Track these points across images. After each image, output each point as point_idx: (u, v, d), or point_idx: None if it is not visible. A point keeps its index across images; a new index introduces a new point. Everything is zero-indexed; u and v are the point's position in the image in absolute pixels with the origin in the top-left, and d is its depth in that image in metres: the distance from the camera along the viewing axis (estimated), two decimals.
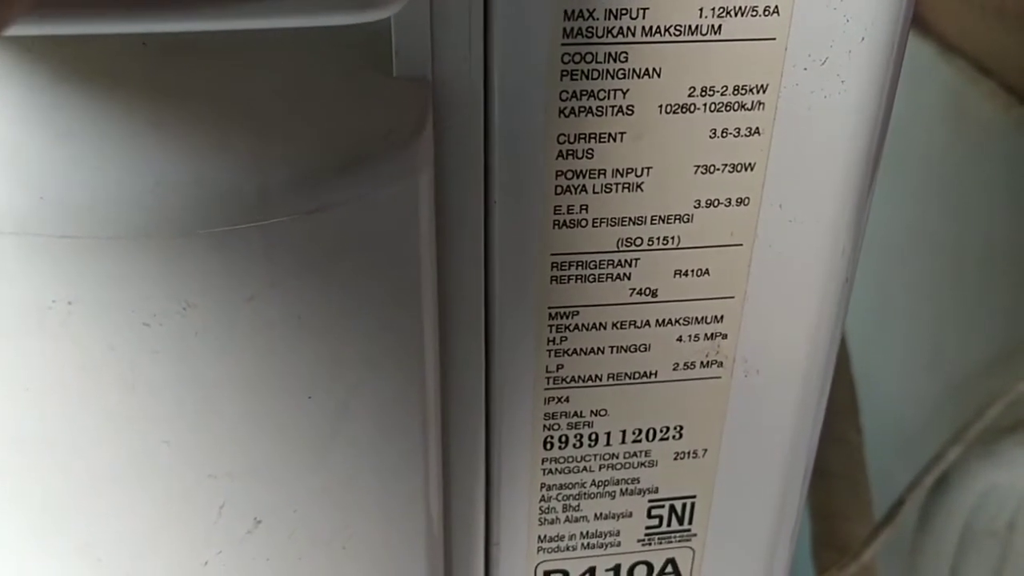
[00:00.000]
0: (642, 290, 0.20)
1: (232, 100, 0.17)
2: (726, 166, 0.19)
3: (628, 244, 0.20)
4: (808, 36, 0.18)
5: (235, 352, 0.17)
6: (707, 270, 0.20)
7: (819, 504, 0.48)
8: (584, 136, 0.19)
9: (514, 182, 0.19)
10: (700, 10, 0.18)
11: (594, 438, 0.22)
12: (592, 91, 0.18)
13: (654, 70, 0.18)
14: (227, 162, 0.16)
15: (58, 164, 0.16)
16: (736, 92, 0.19)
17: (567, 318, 0.20)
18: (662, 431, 0.22)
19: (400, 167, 0.17)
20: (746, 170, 0.19)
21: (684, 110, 0.19)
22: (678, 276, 0.20)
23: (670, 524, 0.23)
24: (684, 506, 0.23)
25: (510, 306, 0.20)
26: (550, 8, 0.17)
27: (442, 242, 0.19)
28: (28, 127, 0.16)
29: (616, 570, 0.24)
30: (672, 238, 0.20)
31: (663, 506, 0.23)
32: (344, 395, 0.18)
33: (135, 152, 0.16)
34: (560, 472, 0.22)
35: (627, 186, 0.19)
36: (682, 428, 0.22)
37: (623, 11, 0.18)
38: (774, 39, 0.18)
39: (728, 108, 0.19)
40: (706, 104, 0.19)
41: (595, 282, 0.20)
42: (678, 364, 0.21)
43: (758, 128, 0.19)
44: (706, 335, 0.21)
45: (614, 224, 0.20)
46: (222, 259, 0.16)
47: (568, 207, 0.19)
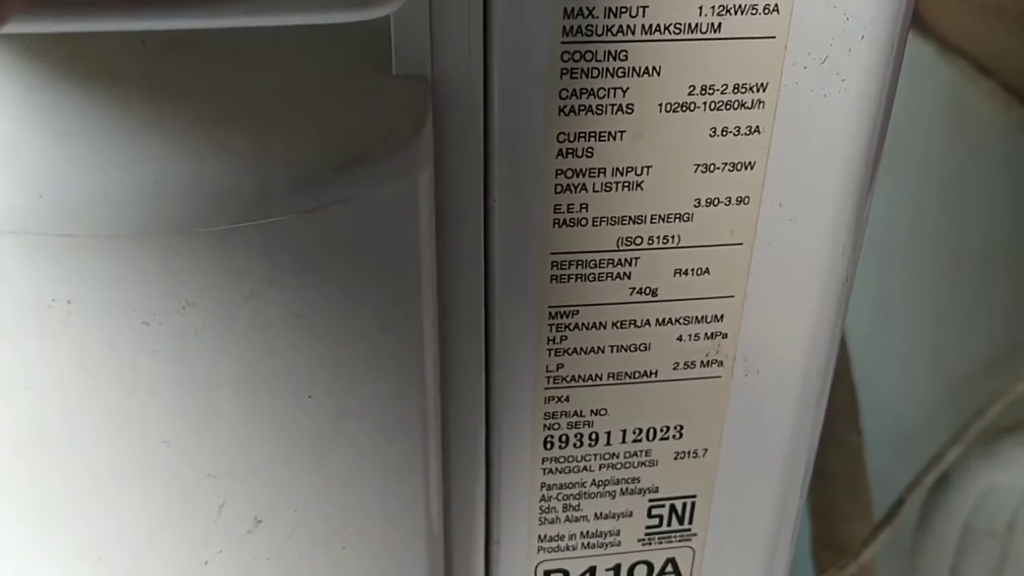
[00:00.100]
0: (642, 289, 0.20)
1: (231, 98, 0.17)
2: (726, 165, 0.19)
3: (628, 243, 0.20)
4: (808, 34, 0.18)
5: (234, 351, 0.17)
6: (707, 269, 0.20)
7: (819, 505, 0.48)
8: (584, 135, 0.19)
9: (514, 181, 0.19)
10: (700, 8, 0.18)
11: (594, 437, 0.22)
12: (592, 89, 0.18)
13: (654, 68, 0.18)
14: (226, 161, 0.16)
15: (57, 163, 0.16)
16: (736, 91, 0.19)
17: (567, 317, 0.20)
18: (662, 430, 0.22)
19: (400, 166, 0.17)
20: (746, 169, 0.19)
21: (684, 109, 0.19)
22: (678, 275, 0.20)
23: (670, 524, 0.23)
24: (684, 506, 0.23)
25: (510, 305, 0.20)
26: (550, 6, 0.17)
27: (442, 241, 0.19)
28: (27, 126, 0.16)
29: (616, 570, 0.24)
30: (672, 237, 0.20)
31: (663, 506, 0.23)
32: (344, 394, 0.18)
33: (134, 151, 0.16)
34: (560, 471, 0.22)
35: (627, 185, 0.19)
36: (682, 428, 0.22)
37: (623, 9, 0.17)
38: (774, 37, 0.18)
39: (728, 107, 0.19)
40: (706, 103, 0.19)
41: (595, 281, 0.20)
42: (678, 363, 0.21)
43: (758, 127, 0.19)
44: (706, 334, 0.21)
45: (614, 223, 0.20)
46: (221, 258, 0.16)
47: (568, 206, 0.19)
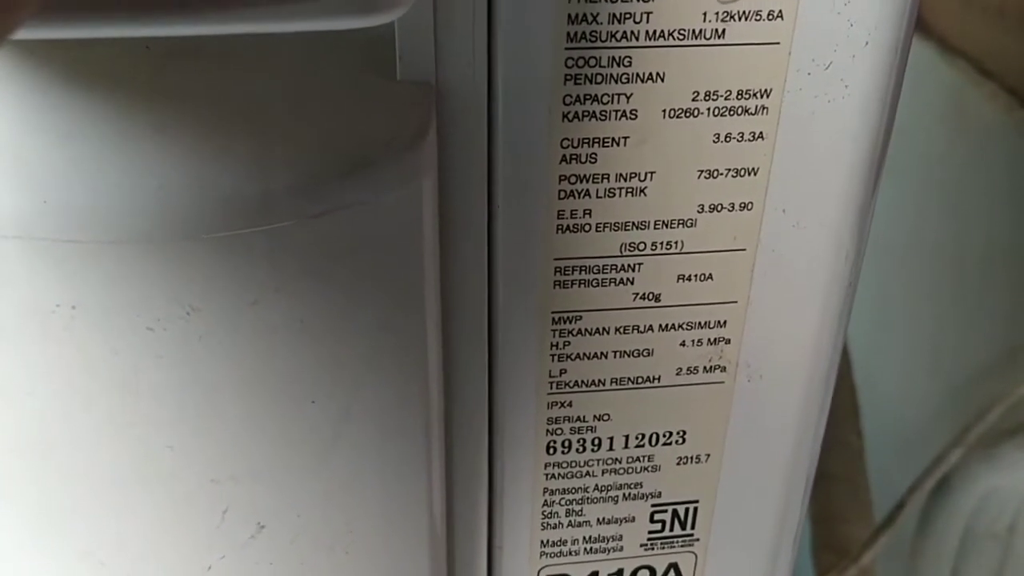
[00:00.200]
0: (645, 295, 0.20)
1: (236, 104, 0.17)
2: (729, 170, 0.19)
3: (631, 249, 0.20)
4: (812, 40, 0.18)
5: (238, 356, 0.17)
6: (710, 275, 0.20)
7: (819, 507, 0.48)
8: (588, 140, 0.19)
9: (517, 186, 0.19)
10: (704, 14, 0.18)
11: (597, 443, 0.22)
12: (596, 95, 0.18)
13: (658, 74, 0.18)
14: (230, 166, 0.16)
15: (61, 168, 0.16)
16: (740, 96, 0.19)
17: (570, 323, 0.20)
18: (665, 436, 0.22)
19: (404, 171, 0.17)
20: (750, 174, 0.19)
21: (688, 114, 0.19)
22: (681, 281, 0.20)
23: (673, 529, 0.23)
24: (687, 511, 0.23)
25: (513, 310, 0.20)
26: (554, 12, 0.17)
27: (445, 246, 0.19)
28: (32, 131, 0.16)
29: (619, 575, 0.24)
30: (675, 243, 0.20)
31: (666, 511, 0.23)
32: (347, 399, 0.18)
33: (138, 156, 0.16)
34: (563, 477, 0.22)
35: (630, 190, 0.19)
36: (685, 433, 0.22)
37: (627, 15, 0.17)
38: (778, 43, 0.18)
39: (732, 112, 0.19)
40: (710, 108, 0.19)
41: (598, 287, 0.20)
42: (681, 369, 0.21)
43: (762, 132, 0.19)
44: (709, 340, 0.21)
45: (617, 228, 0.20)
46: (225, 263, 0.16)
47: (571, 211, 0.19)
